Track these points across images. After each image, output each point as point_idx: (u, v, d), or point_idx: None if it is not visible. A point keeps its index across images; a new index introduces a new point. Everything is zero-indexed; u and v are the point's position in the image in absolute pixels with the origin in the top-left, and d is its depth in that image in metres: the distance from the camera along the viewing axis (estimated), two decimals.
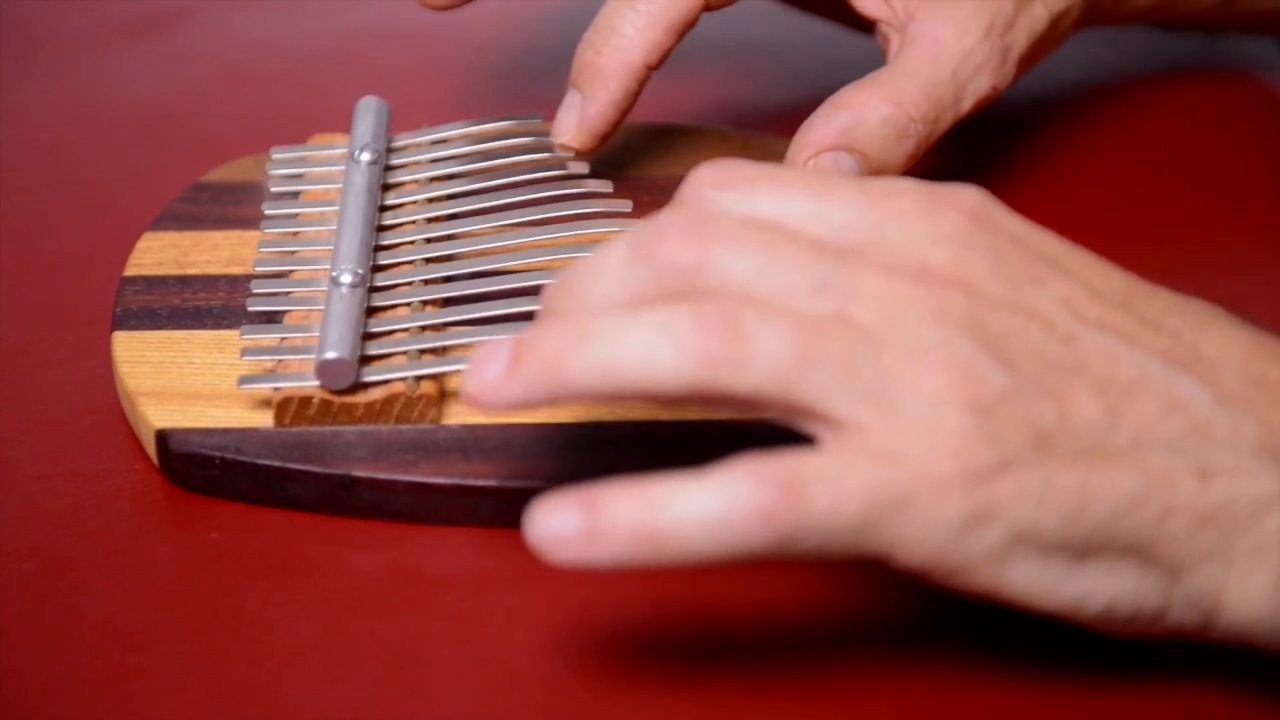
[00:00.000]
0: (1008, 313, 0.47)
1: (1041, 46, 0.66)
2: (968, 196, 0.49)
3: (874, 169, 0.62)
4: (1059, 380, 0.46)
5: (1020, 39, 0.64)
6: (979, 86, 0.63)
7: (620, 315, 0.46)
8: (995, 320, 0.47)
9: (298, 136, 0.69)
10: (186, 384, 0.57)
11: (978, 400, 0.45)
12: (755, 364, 0.45)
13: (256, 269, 0.61)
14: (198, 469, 0.55)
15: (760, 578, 0.52)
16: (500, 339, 0.47)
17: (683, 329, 0.45)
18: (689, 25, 0.63)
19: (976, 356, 0.46)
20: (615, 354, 0.46)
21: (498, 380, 0.47)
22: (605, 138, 0.64)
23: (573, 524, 0.45)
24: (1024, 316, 0.47)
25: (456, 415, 0.56)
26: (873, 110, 0.62)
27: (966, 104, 0.63)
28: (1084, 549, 0.46)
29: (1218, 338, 0.48)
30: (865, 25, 0.67)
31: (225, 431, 0.56)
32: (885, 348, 0.46)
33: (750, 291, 0.46)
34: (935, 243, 0.47)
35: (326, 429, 0.56)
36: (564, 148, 0.64)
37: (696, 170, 0.49)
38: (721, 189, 0.49)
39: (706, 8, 0.63)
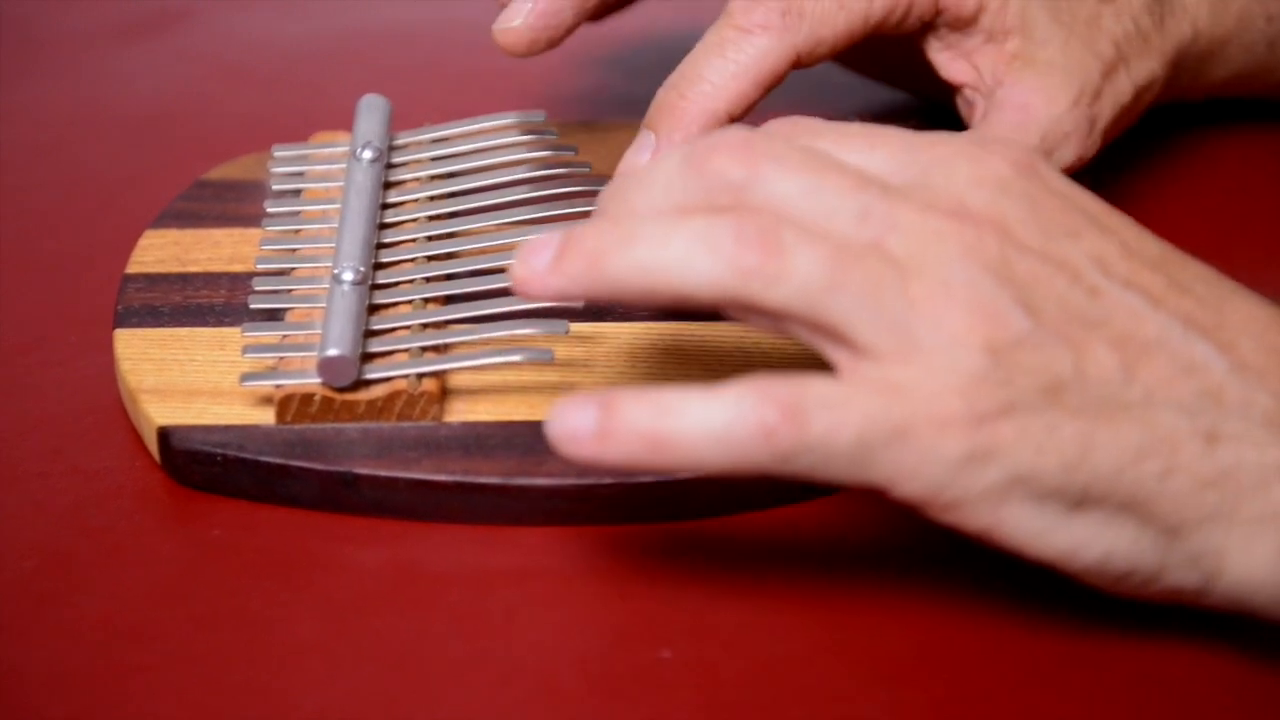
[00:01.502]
0: (1037, 260, 0.47)
1: (1124, 118, 0.65)
2: (1015, 149, 0.50)
3: None
4: (1079, 331, 0.47)
5: (1106, 109, 0.64)
6: (1065, 155, 0.63)
7: (665, 220, 0.48)
8: (1024, 265, 0.47)
9: (299, 135, 0.69)
10: (188, 381, 0.57)
11: (994, 342, 0.46)
12: (787, 280, 0.47)
13: (258, 266, 0.61)
14: (199, 466, 0.55)
15: (763, 587, 0.52)
16: (550, 234, 0.49)
17: (722, 238, 0.47)
18: (777, 80, 0.62)
19: (1000, 298, 0.47)
20: (655, 255, 0.47)
21: (543, 270, 0.48)
22: None
23: (588, 422, 0.47)
24: (1053, 265, 0.48)
25: (458, 413, 0.56)
26: None
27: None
28: (1082, 498, 0.47)
29: (1244, 309, 0.49)
30: (947, 92, 0.66)
31: (227, 429, 0.55)
32: (913, 280, 0.47)
33: (793, 211, 0.48)
34: (976, 185, 0.48)
35: (328, 426, 0.56)
36: None
37: (770, 122, 0.51)
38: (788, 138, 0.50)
39: (797, 64, 0.62)
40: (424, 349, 0.57)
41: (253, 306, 0.59)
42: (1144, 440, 0.47)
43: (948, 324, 0.46)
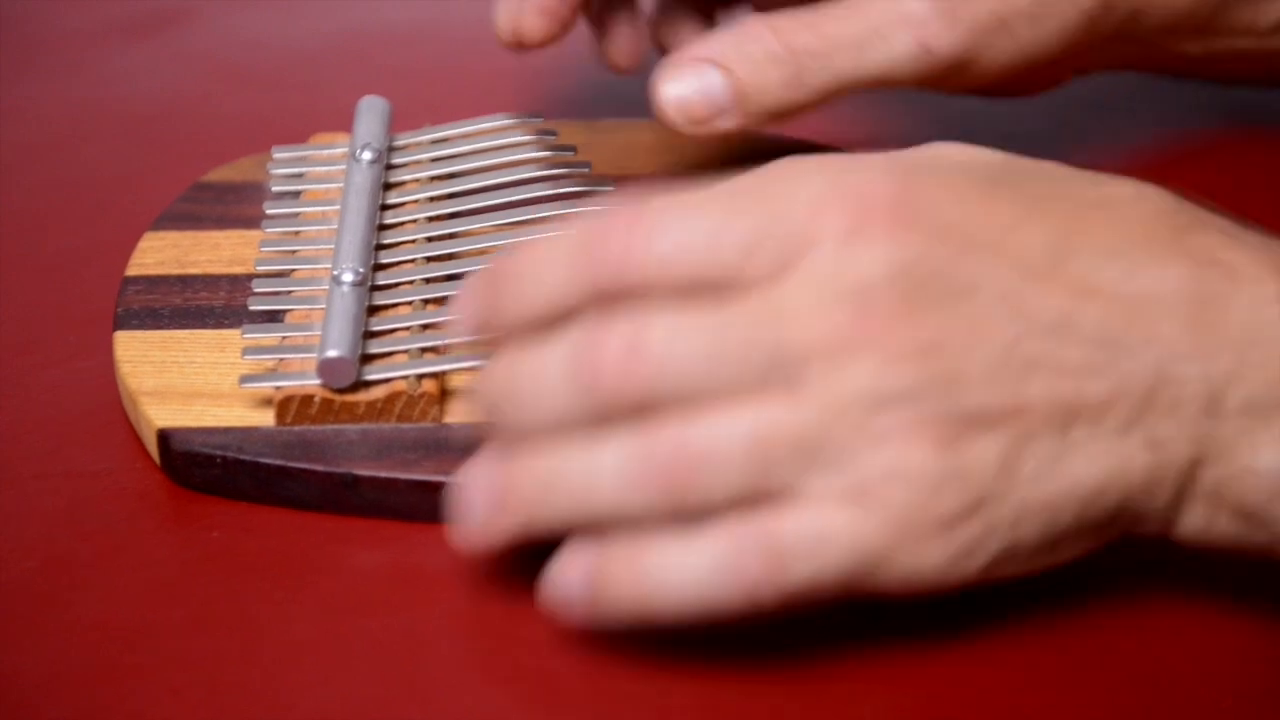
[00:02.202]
0: (952, 346, 0.47)
1: (1032, 31, 0.62)
2: (880, 194, 0.48)
3: (742, 92, 0.60)
4: (1013, 394, 0.47)
5: (980, 10, 0.61)
6: (902, 39, 0.60)
7: (582, 455, 0.48)
8: (942, 359, 0.47)
9: (299, 136, 0.69)
10: (188, 383, 0.57)
11: (940, 442, 0.46)
12: (715, 486, 0.47)
13: (258, 268, 0.61)
14: (199, 468, 0.55)
15: None
16: (474, 479, 0.49)
17: (639, 472, 0.47)
18: None
19: (932, 402, 0.47)
20: (586, 500, 0.48)
21: (481, 529, 0.50)
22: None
23: (579, 590, 0.48)
24: (966, 337, 0.47)
25: (458, 414, 0.56)
26: (756, 34, 0.60)
27: (879, 53, 0.60)
28: (1061, 540, 0.48)
29: (1152, 285, 0.48)
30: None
31: (227, 430, 0.56)
32: (837, 419, 0.46)
33: (701, 395, 0.47)
34: (866, 282, 0.47)
35: (328, 428, 0.56)
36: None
37: (590, 233, 0.48)
38: (624, 264, 0.48)
39: None
40: (424, 350, 0.57)
41: (252, 308, 0.59)
42: (1099, 477, 0.47)
43: (890, 445, 0.46)
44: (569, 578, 0.48)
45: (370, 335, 0.57)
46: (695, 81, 0.60)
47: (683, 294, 0.47)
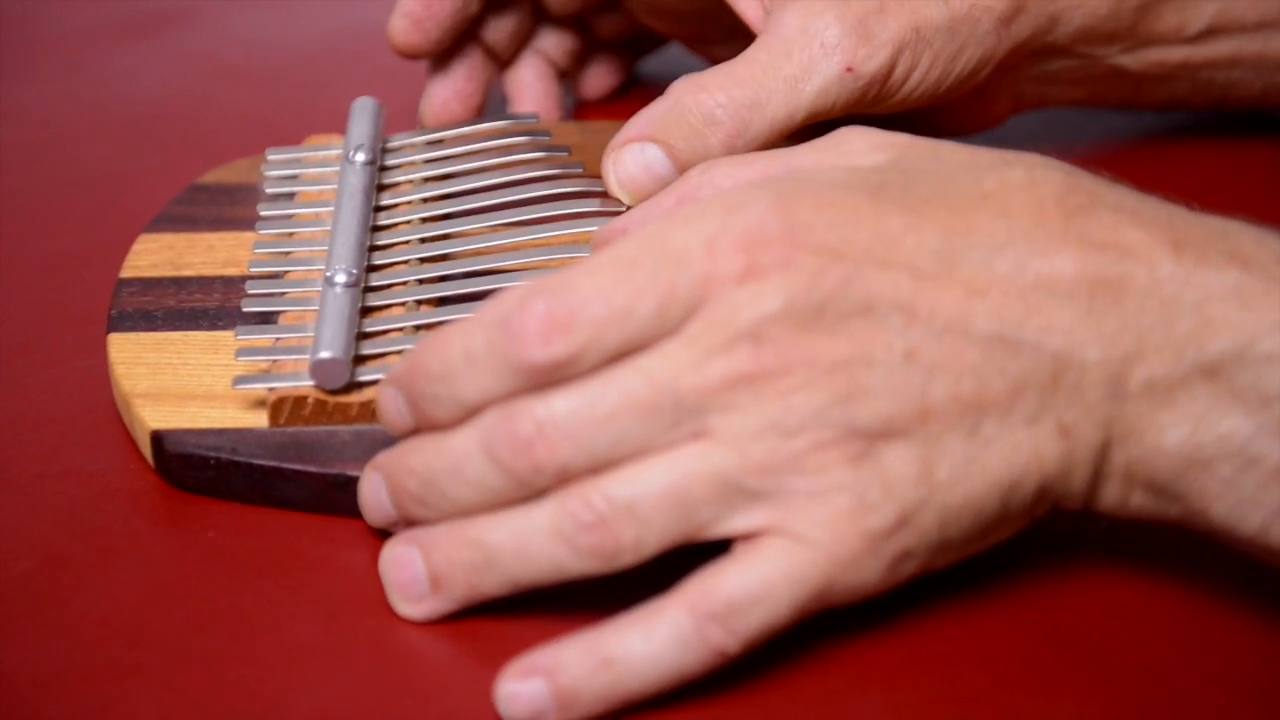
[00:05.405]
0: (850, 363, 0.48)
1: (950, 42, 0.62)
2: (769, 229, 0.48)
3: (683, 160, 0.60)
4: (917, 401, 0.48)
5: (895, 26, 0.61)
6: (826, 67, 0.61)
7: (512, 523, 0.49)
8: (842, 378, 0.48)
9: (295, 137, 0.69)
10: (182, 385, 0.57)
11: (854, 459, 0.47)
12: (644, 538, 0.48)
13: (251, 270, 0.61)
14: (193, 469, 0.55)
15: None
16: (402, 550, 0.51)
17: (570, 531, 0.48)
18: None
19: (838, 421, 0.47)
20: (521, 567, 0.49)
21: (421, 606, 0.51)
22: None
23: (543, 701, 0.48)
24: (864, 356, 0.48)
25: None
26: (689, 102, 0.60)
27: (809, 86, 0.61)
28: (990, 528, 0.49)
29: (1044, 270, 0.48)
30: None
31: (220, 432, 0.56)
32: (750, 453, 0.47)
33: (617, 456, 0.48)
34: (761, 319, 0.48)
35: (321, 429, 0.56)
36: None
37: (505, 333, 0.49)
38: (544, 366, 0.48)
39: None
40: None
41: (246, 309, 0.59)
42: (1013, 470, 0.48)
43: (806, 471, 0.47)
44: (526, 685, 0.48)
45: (363, 336, 0.58)
46: (637, 160, 0.61)
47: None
